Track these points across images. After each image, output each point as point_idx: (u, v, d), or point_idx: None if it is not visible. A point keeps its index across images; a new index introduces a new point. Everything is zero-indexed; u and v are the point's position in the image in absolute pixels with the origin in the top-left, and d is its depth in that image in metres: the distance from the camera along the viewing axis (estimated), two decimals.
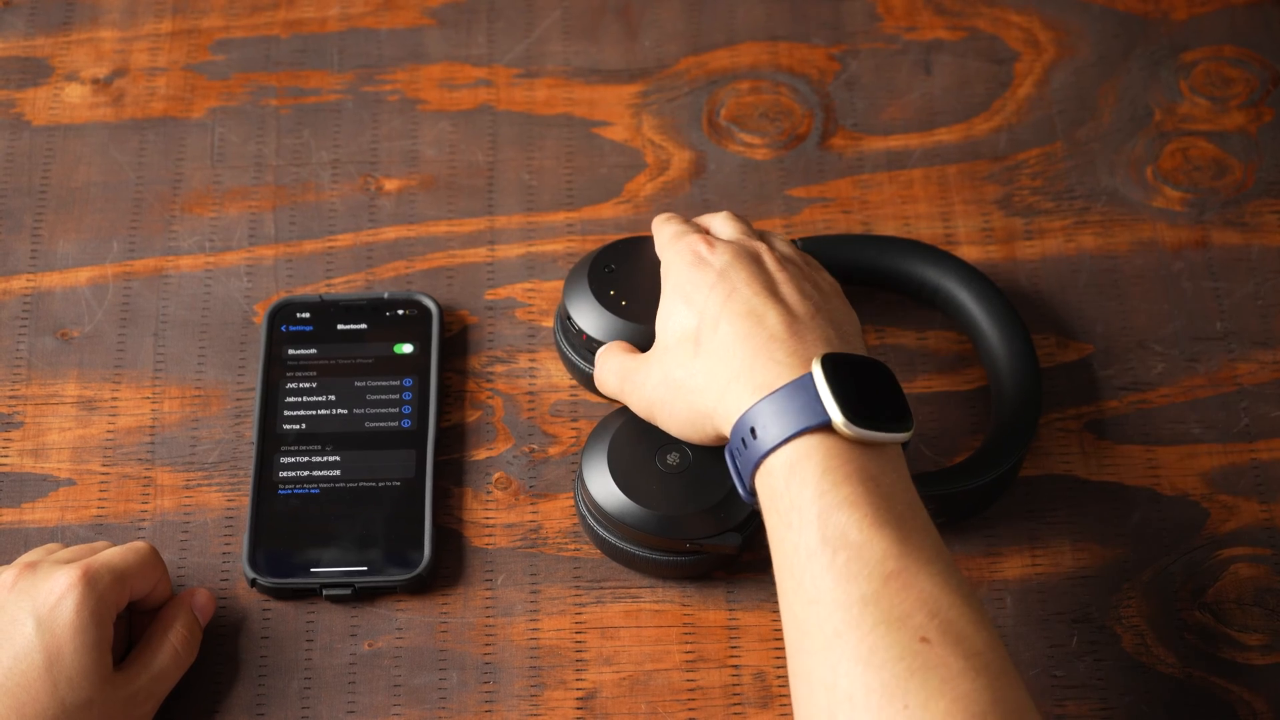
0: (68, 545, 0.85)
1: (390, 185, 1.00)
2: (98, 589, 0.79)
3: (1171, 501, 0.91)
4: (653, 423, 0.83)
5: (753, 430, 0.74)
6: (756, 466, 0.75)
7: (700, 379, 0.78)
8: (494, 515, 0.90)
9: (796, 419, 0.73)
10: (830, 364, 0.74)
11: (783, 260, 0.82)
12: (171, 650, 0.82)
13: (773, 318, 0.77)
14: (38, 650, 0.77)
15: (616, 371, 0.84)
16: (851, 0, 1.07)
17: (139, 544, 0.83)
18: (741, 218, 0.86)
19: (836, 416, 0.73)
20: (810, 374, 0.74)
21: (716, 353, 0.77)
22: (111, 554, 0.81)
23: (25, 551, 0.85)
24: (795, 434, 0.73)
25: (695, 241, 0.82)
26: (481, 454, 0.92)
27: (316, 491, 0.89)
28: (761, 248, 0.82)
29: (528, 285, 0.97)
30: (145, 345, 0.95)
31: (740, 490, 0.77)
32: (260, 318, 0.95)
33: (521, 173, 1.01)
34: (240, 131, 1.02)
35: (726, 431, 0.77)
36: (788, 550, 0.72)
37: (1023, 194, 1.00)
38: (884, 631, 0.68)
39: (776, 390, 0.74)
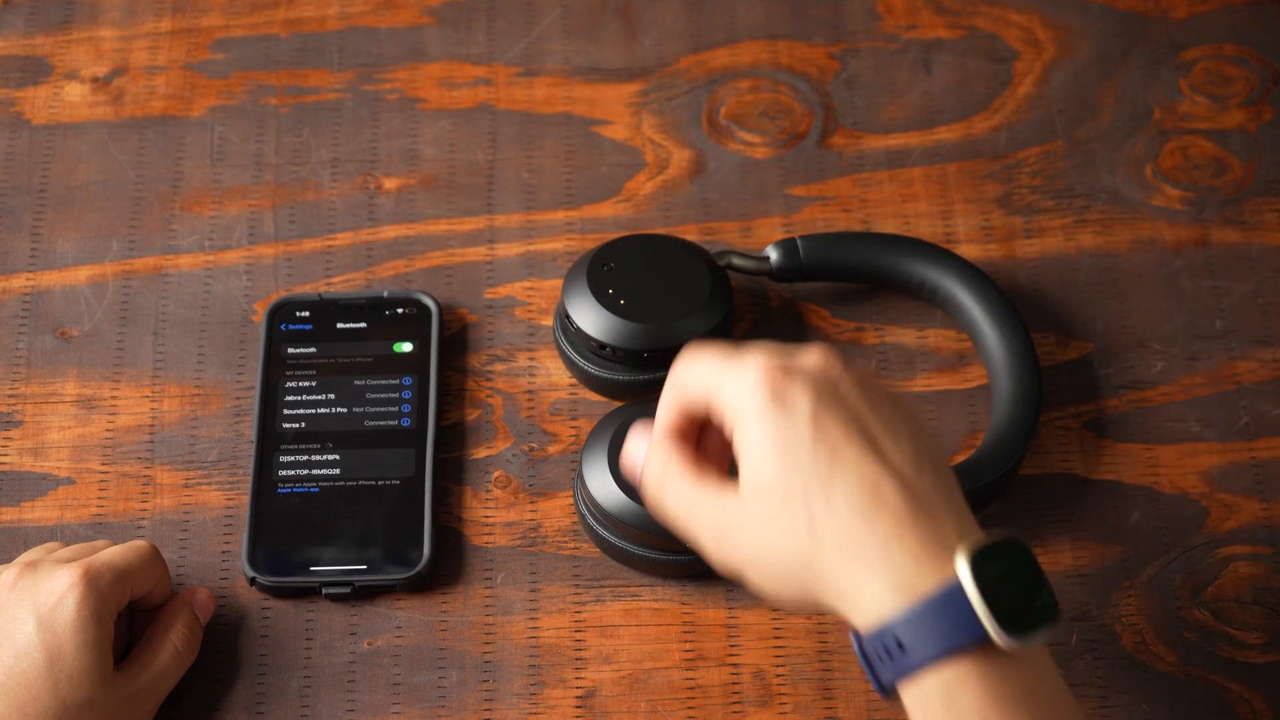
0: (67, 544, 0.85)
1: (390, 184, 1.00)
2: (98, 588, 0.79)
3: (1171, 500, 0.91)
4: (727, 572, 0.73)
5: (899, 642, 0.67)
6: (903, 676, 0.68)
7: (824, 564, 0.69)
8: (493, 514, 0.90)
9: (950, 636, 0.67)
10: (975, 563, 0.67)
11: (861, 386, 0.72)
12: (172, 649, 0.82)
13: (889, 489, 0.69)
14: (39, 649, 0.77)
15: (687, 511, 0.73)
16: None
17: (139, 543, 0.83)
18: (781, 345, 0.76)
19: (995, 633, 0.66)
20: (957, 580, 0.67)
21: (838, 537, 0.69)
22: (112, 553, 0.81)
23: (25, 551, 0.85)
24: (949, 652, 0.67)
25: (768, 370, 0.71)
26: (481, 452, 0.92)
27: (316, 490, 0.89)
28: (828, 359, 0.73)
29: (527, 284, 0.97)
30: (145, 344, 0.95)
31: (874, 685, 0.70)
32: (260, 316, 0.95)
33: (521, 171, 1.01)
34: (240, 130, 1.02)
35: (855, 620, 0.70)
36: None
37: (1023, 192, 1.00)
38: None
39: (924, 601, 0.67)
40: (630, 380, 0.91)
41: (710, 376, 0.73)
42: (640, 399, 0.91)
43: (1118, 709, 0.84)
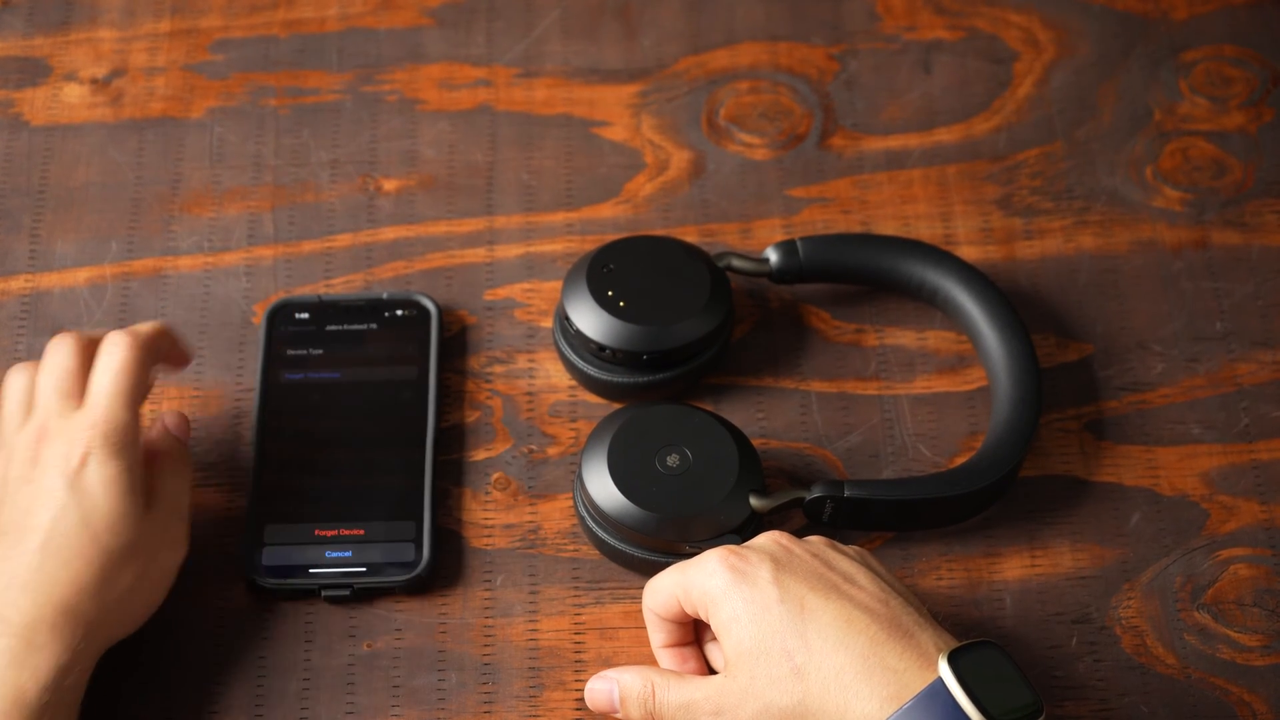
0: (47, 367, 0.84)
1: (389, 185, 1.00)
2: (113, 439, 0.81)
3: (1171, 502, 0.90)
4: None
5: None
6: None
7: (815, 701, 0.75)
8: (493, 516, 0.90)
9: None
10: (955, 663, 0.73)
11: (813, 549, 0.80)
12: (174, 472, 0.84)
13: (860, 618, 0.75)
14: (73, 508, 0.79)
15: (685, 705, 0.79)
16: (851, 0, 1.07)
17: (117, 354, 0.83)
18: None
19: None
20: (940, 680, 0.73)
21: (822, 673, 0.75)
22: (107, 391, 0.82)
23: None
24: None
25: (724, 555, 0.79)
26: (480, 454, 0.92)
27: (316, 492, 0.89)
28: (777, 536, 0.81)
29: (527, 285, 0.97)
30: None
31: None
32: (259, 318, 0.95)
33: (521, 173, 1.01)
34: (239, 131, 1.02)
35: None
36: None
37: (1022, 194, 1.00)
38: None
39: (911, 703, 0.73)
40: (630, 382, 0.91)
41: (675, 582, 0.80)
42: (640, 401, 0.91)
43: (1118, 711, 0.84)
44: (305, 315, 0.94)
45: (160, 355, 0.86)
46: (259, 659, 0.86)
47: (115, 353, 0.83)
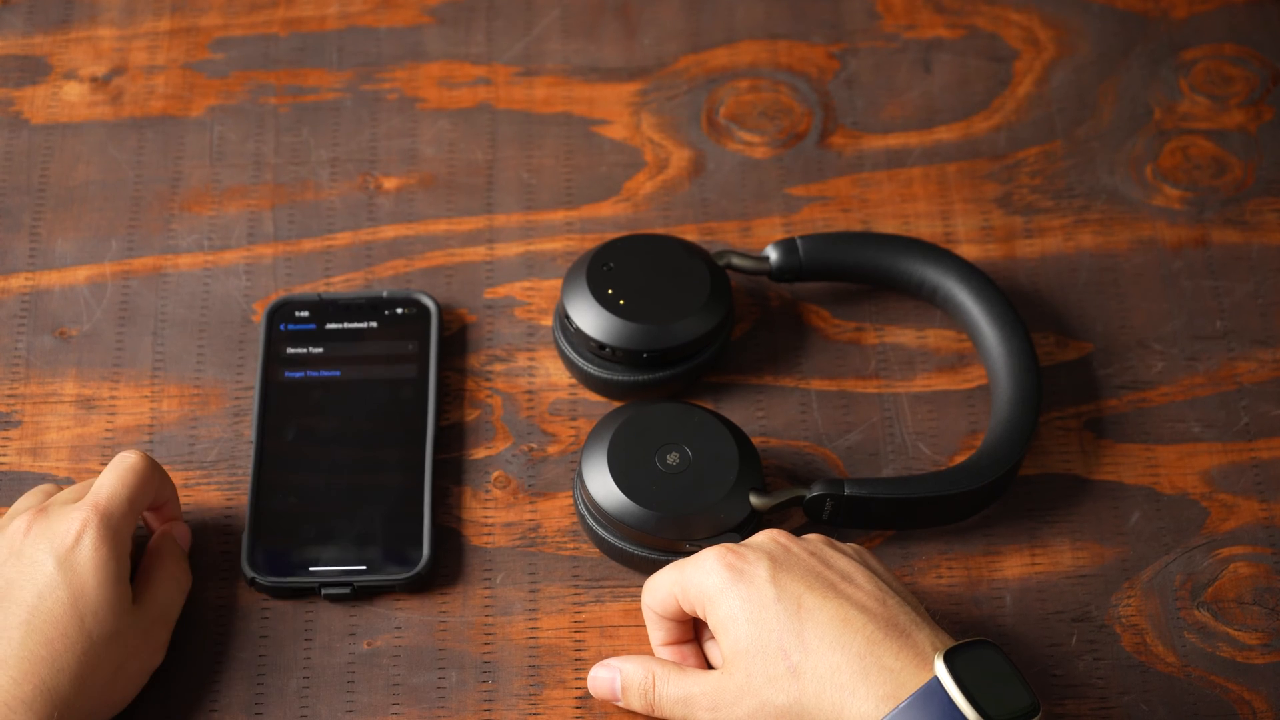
0: (61, 488, 0.86)
1: (389, 184, 1.00)
2: (112, 523, 0.80)
3: (1171, 500, 0.90)
4: None
5: None
6: None
7: (811, 701, 0.75)
8: (493, 514, 0.90)
9: None
10: (951, 662, 0.73)
11: (812, 547, 0.80)
12: (171, 578, 0.84)
13: (856, 618, 0.76)
14: (62, 587, 0.79)
15: (683, 699, 0.80)
16: None
17: (130, 458, 0.83)
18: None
19: None
20: (936, 679, 0.73)
21: (818, 672, 0.75)
22: (115, 482, 0.82)
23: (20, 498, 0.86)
24: None
25: (722, 554, 0.79)
26: (480, 453, 0.92)
27: (316, 490, 0.89)
28: (775, 535, 0.81)
29: (527, 284, 0.97)
30: (144, 344, 0.95)
31: None
32: (259, 316, 0.95)
33: (520, 171, 1.01)
34: (239, 130, 1.02)
35: None
36: None
37: (1022, 192, 1.00)
38: None
39: (907, 702, 0.73)
40: (630, 380, 0.91)
41: (673, 580, 0.80)
42: (640, 399, 0.91)
43: (1118, 710, 0.84)
44: (305, 314, 0.94)
45: (163, 497, 0.85)
46: (259, 658, 0.86)
47: (129, 458, 0.83)
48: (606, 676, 0.82)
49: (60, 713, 0.77)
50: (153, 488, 0.84)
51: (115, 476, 0.82)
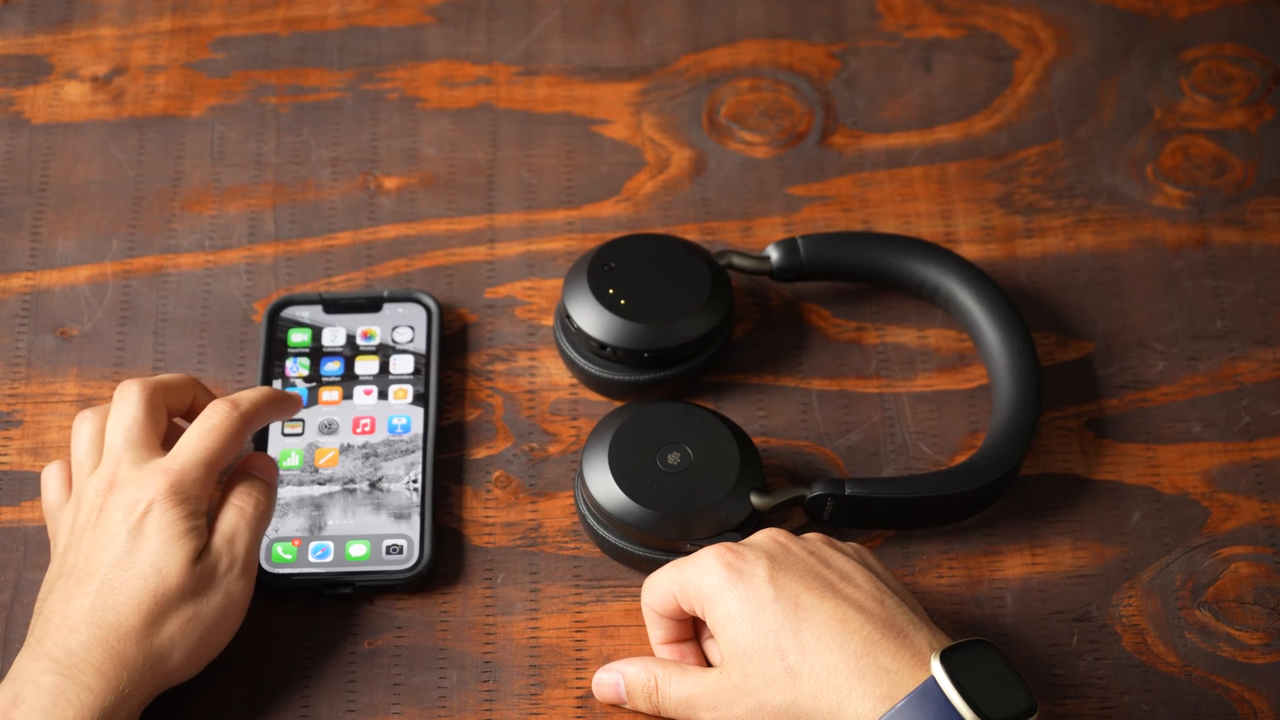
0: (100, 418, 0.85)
1: (390, 183, 1.00)
2: (182, 489, 0.81)
3: (1172, 500, 0.90)
4: None
5: None
6: None
7: (808, 701, 0.76)
8: (494, 514, 0.90)
9: None
10: (948, 662, 0.74)
11: (811, 546, 0.80)
12: (233, 506, 0.83)
13: (854, 618, 0.76)
14: (129, 553, 0.80)
15: (684, 700, 0.80)
16: None
17: (213, 419, 0.83)
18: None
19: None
20: (933, 679, 0.73)
21: (815, 672, 0.75)
22: (191, 447, 0.82)
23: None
24: None
25: (721, 552, 0.79)
26: (481, 452, 0.92)
27: (316, 489, 0.89)
28: (775, 534, 0.81)
29: (527, 283, 0.97)
30: (145, 343, 0.95)
31: None
32: (260, 316, 0.95)
33: (521, 171, 1.01)
34: (240, 129, 1.02)
35: None
36: None
37: (1023, 192, 1.00)
38: None
39: (904, 702, 0.73)
40: (631, 380, 0.91)
41: (673, 579, 0.80)
42: (641, 399, 0.91)
43: (1118, 709, 0.84)
44: (306, 313, 0.94)
45: (263, 422, 0.86)
46: (260, 657, 0.86)
47: (214, 418, 0.83)
48: (610, 680, 0.83)
49: (130, 674, 0.78)
50: (240, 440, 0.84)
51: (196, 439, 0.82)
